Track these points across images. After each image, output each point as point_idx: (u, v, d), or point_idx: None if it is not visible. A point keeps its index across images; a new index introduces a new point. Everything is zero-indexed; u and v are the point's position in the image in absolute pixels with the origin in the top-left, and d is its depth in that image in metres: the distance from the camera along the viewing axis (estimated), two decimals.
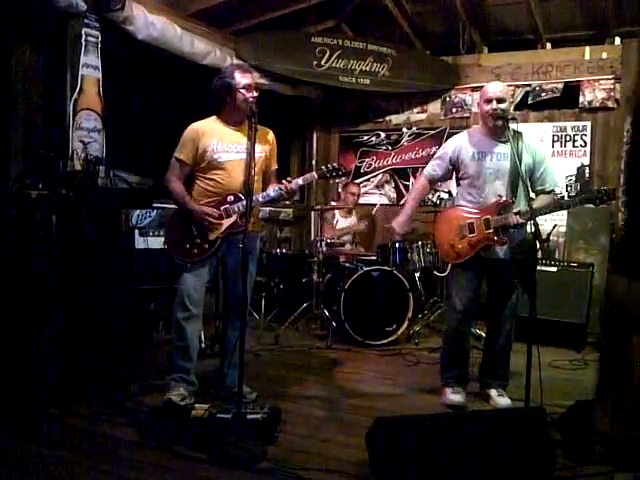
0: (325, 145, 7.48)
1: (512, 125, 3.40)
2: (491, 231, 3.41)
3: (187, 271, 3.29)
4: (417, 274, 5.61)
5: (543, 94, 6.32)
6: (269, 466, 2.64)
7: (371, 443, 2.59)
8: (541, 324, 3.21)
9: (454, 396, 3.53)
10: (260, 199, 3.33)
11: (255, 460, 2.67)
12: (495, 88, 3.48)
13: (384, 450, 2.52)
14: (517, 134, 3.46)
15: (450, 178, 3.81)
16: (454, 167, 3.64)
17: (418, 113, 6.94)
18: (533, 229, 3.01)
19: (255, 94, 3.28)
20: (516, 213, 3.36)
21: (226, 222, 3.30)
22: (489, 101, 3.44)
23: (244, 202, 3.26)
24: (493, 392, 3.57)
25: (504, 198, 3.43)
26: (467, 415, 2.75)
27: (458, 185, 3.68)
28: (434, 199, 6.71)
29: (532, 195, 3.48)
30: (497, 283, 3.59)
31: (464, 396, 3.55)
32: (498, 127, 3.42)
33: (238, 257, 3.26)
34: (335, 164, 3.55)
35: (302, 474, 2.56)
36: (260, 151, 3.36)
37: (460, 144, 3.59)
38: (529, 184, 3.42)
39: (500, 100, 3.41)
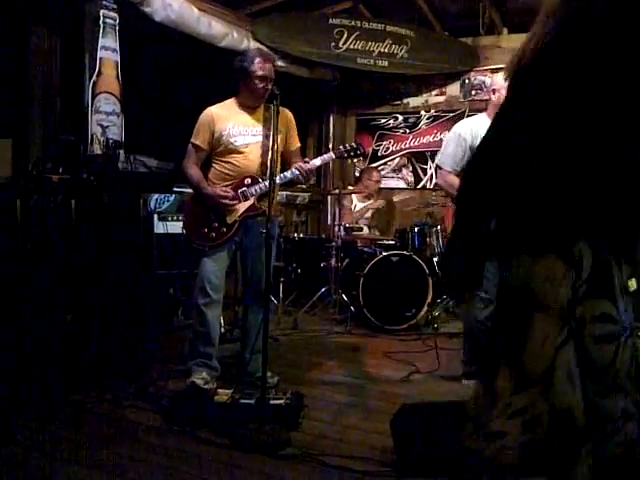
0: (341, 128, 7.41)
1: None
2: None
3: (206, 256, 3.27)
4: (435, 258, 5.56)
5: None
6: (293, 452, 2.62)
7: (396, 429, 2.57)
8: None
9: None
10: (277, 181, 3.29)
11: (279, 446, 2.65)
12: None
13: (409, 436, 2.51)
14: None
15: None
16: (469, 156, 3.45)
17: (436, 95, 6.85)
18: None
19: (269, 86, 3.23)
20: None
21: (243, 205, 3.27)
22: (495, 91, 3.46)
23: (261, 185, 3.25)
24: None
25: None
26: None
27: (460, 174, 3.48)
28: None
29: None
30: None
31: None
32: None
33: (257, 241, 3.26)
34: (353, 144, 3.52)
35: (327, 460, 2.55)
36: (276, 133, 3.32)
37: (474, 131, 3.44)
38: None
39: None
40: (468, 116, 6.52)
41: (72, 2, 4.05)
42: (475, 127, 3.48)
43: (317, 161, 3.39)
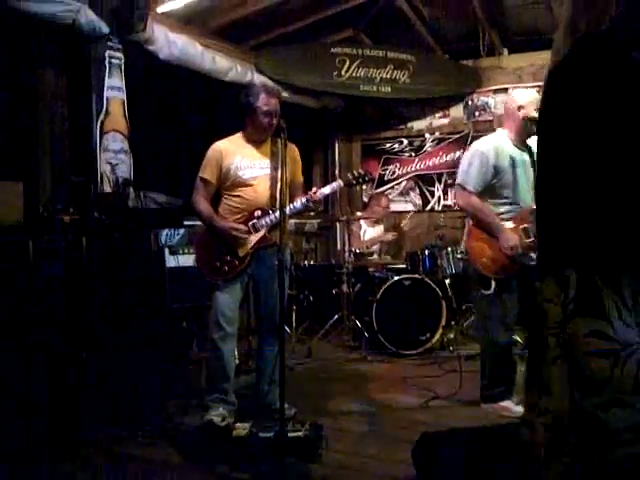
0: (347, 154, 7.46)
1: None
2: (532, 239, 3.27)
3: (219, 290, 3.27)
4: (447, 280, 5.54)
5: None
6: None
7: (418, 459, 2.53)
8: None
9: (519, 407, 3.28)
10: (287, 212, 3.30)
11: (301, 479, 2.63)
12: (525, 98, 3.43)
13: (432, 466, 2.47)
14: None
15: None
16: (495, 174, 3.39)
17: (440, 118, 6.90)
18: None
19: (274, 121, 3.26)
20: None
21: (254, 237, 3.29)
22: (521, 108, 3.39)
23: (271, 216, 3.27)
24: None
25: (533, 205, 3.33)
26: (517, 425, 2.67)
27: (482, 194, 3.41)
28: None
29: None
30: (529, 289, 3.28)
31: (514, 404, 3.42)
32: (529, 134, 3.37)
33: (269, 272, 3.27)
34: (360, 170, 3.56)
35: None
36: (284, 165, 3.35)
37: (499, 149, 3.40)
38: None
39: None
40: (473, 137, 6.58)
41: (78, 44, 4.12)
42: (498, 145, 3.42)
43: (326, 190, 3.41)
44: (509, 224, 3.39)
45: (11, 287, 3.29)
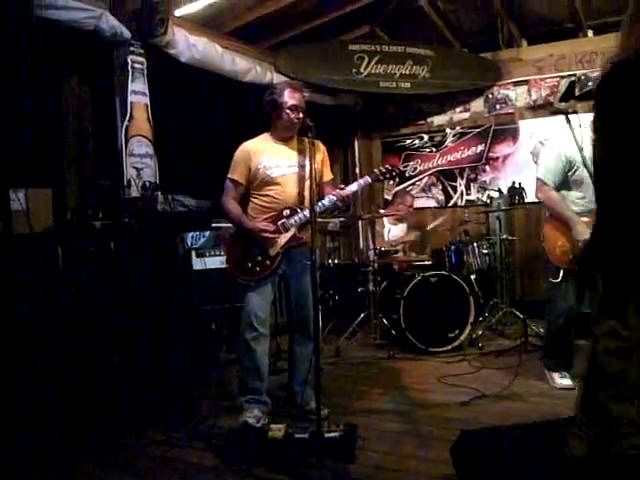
0: (367, 152, 7.43)
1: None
2: None
3: (251, 290, 3.27)
4: (473, 276, 5.49)
5: (590, 83, 6.14)
6: None
7: (458, 458, 2.51)
8: None
9: (562, 380, 3.78)
10: (317, 210, 3.29)
11: None
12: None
13: (472, 464, 2.44)
14: None
15: None
16: (567, 170, 3.60)
17: (461, 112, 6.83)
18: None
19: (300, 115, 3.25)
20: None
21: (284, 237, 3.28)
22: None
23: (300, 215, 3.26)
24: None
25: None
26: (559, 422, 2.63)
27: (559, 189, 3.65)
28: (484, 198, 6.59)
29: None
30: None
31: (571, 379, 3.76)
32: (578, 142, 3.47)
33: (300, 271, 3.27)
34: (388, 166, 3.52)
35: None
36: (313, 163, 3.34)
37: (571, 146, 3.55)
38: None
39: None
40: (494, 131, 6.53)
41: (100, 50, 4.14)
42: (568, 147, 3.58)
43: (354, 186, 3.39)
44: (585, 219, 3.49)
45: (42, 294, 3.30)
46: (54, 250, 3.33)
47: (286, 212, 3.29)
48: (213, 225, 4.45)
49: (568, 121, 3.49)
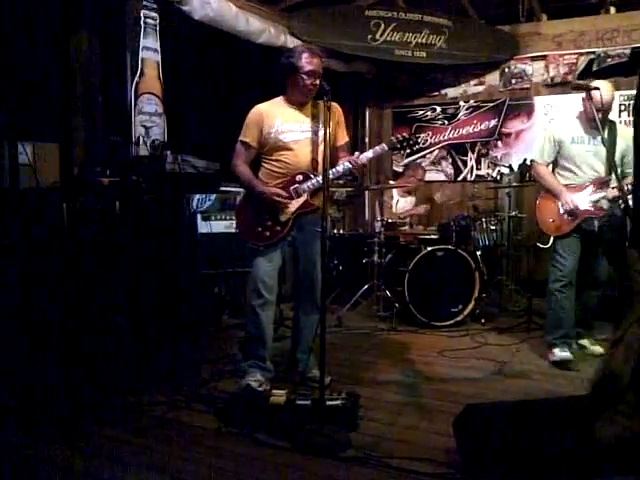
0: (378, 122, 7.31)
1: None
2: (591, 205, 3.74)
3: (260, 255, 3.23)
4: (479, 252, 5.44)
5: (609, 60, 6.01)
6: (355, 454, 2.57)
7: (461, 430, 2.50)
8: None
9: (561, 353, 3.81)
10: (330, 176, 3.22)
11: (340, 448, 2.60)
12: (603, 94, 3.61)
13: (475, 438, 2.43)
14: (611, 122, 3.83)
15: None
16: (558, 150, 3.88)
17: (475, 85, 6.70)
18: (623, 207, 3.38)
19: (317, 82, 3.16)
20: (612, 187, 3.67)
21: (296, 202, 3.22)
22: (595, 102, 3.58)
23: (313, 180, 3.20)
24: (586, 342, 4.10)
25: (602, 175, 3.74)
26: (561, 400, 2.63)
27: (556, 165, 3.95)
28: (494, 174, 6.51)
29: None
30: (588, 253, 3.87)
31: (570, 354, 3.82)
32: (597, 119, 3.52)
33: (310, 238, 3.22)
34: (405, 134, 3.43)
35: (391, 462, 2.49)
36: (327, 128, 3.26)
37: (562, 128, 3.91)
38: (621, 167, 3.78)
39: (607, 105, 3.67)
40: (509, 105, 6.42)
41: (112, 3, 4.03)
42: (565, 124, 3.95)
43: (369, 153, 3.31)
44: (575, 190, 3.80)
45: (45, 250, 3.27)
46: (59, 206, 3.29)
47: (299, 177, 3.23)
48: (221, 189, 4.39)
49: (590, 98, 3.45)
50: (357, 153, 3.30)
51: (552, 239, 3.92)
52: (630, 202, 3.13)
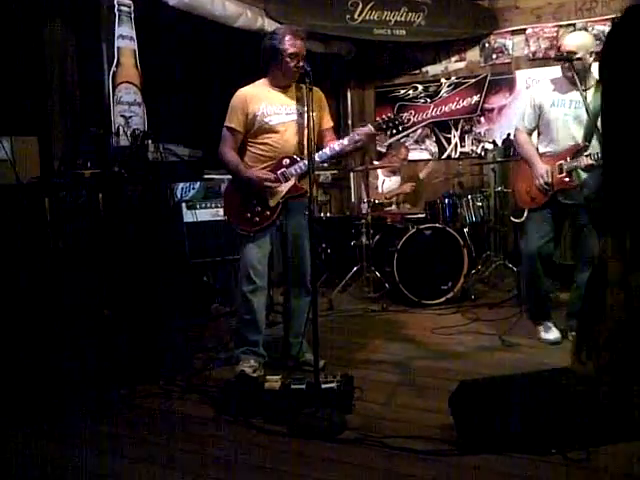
0: (360, 103, 7.25)
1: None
2: (564, 175, 3.55)
3: (250, 242, 3.21)
4: (466, 229, 5.45)
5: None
6: (351, 436, 2.58)
7: (456, 407, 2.51)
8: None
9: (547, 334, 3.76)
10: (317, 159, 3.19)
11: (337, 430, 2.61)
12: (570, 41, 3.52)
13: (471, 415, 2.44)
14: (598, 83, 3.54)
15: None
16: (539, 114, 3.71)
17: (456, 62, 6.65)
18: None
19: (301, 64, 3.13)
20: (586, 155, 3.48)
21: (285, 186, 3.20)
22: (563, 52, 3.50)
23: (300, 164, 3.18)
24: None
25: (579, 143, 3.54)
26: (555, 371, 2.64)
27: (539, 134, 3.79)
28: (479, 150, 6.51)
29: None
30: (575, 227, 3.78)
31: (556, 332, 3.75)
32: (573, 77, 3.46)
33: (299, 222, 3.20)
34: (390, 114, 3.40)
35: (387, 442, 2.49)
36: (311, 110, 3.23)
37: (542, 91, 3.72)
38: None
39: (571, 53, 3.47)
40: (490, 81, 6.40)
41: None
42: (545, 87, 3.72)
43: (355, 135, 3.28)
44: (550, 159, 3.63)
45: (31, 247, 3.22)
46: (41, 201, 3.24)
47: (286, 161, 3.20)
48: (205, 176, 4.35)
49: (572, 68, 3.42)
50: (343, 135, 3.28)
51: (526, 213, 3.81)
52: None
